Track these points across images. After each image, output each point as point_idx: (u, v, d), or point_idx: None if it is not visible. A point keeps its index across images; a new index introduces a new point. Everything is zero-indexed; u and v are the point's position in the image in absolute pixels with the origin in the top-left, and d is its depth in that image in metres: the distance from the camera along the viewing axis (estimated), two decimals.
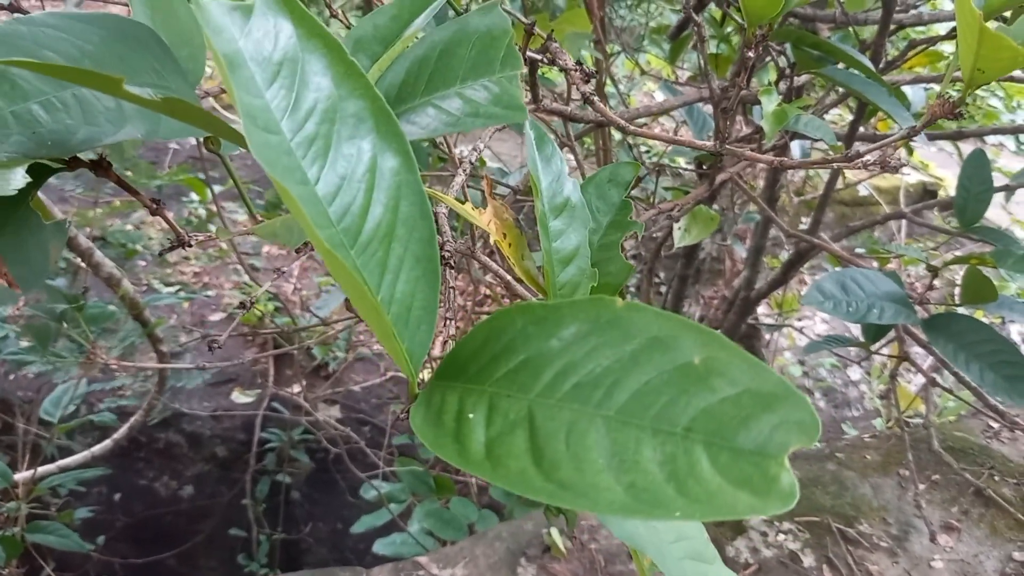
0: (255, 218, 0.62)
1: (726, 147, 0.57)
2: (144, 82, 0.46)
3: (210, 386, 2.72)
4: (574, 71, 0.59)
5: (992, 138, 4.50)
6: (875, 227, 3.03)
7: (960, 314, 1.07)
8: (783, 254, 2.73)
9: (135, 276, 2.91)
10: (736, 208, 2.25)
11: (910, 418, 2.42)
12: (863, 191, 3.43)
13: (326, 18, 0.86)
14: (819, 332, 3.25)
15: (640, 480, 0.27)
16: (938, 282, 1.17)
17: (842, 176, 2.31)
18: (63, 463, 1.90)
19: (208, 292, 2.96)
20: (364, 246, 0.34)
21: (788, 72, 1.01)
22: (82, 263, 1.72)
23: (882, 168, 0.46)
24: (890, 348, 1.57)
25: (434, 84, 0.45)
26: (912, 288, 1.28)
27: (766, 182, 1.90)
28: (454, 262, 0.58)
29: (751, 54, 0.51)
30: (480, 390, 0.33)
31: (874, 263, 1.50)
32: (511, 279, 0.66)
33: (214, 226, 2.72)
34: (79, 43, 0.44)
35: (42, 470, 1.82)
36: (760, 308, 3.04)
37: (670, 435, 0.28)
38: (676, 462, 0.28)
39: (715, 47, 1.74)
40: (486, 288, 2.31)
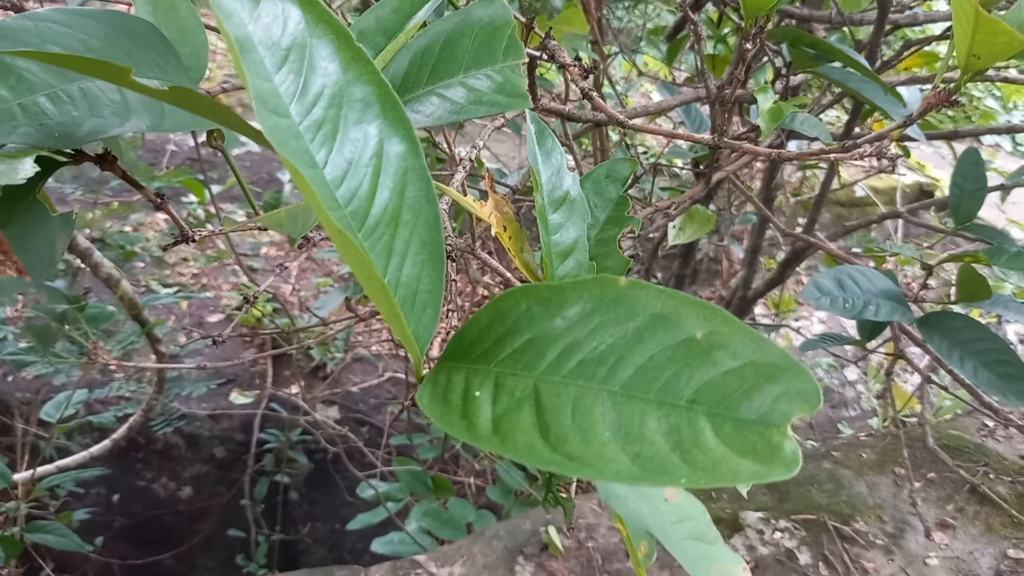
0: (257, 213, 0.63)
1: (723, 140, 0.58)
2: (149, 77, 0.46)
3: (209, 387, 2.72)
4: (572, 67, 0.60)
5: (989, 139, 4.52)
6: (871, 227, 3.05)
7: (955, 312, 1.07)
8: (780, 255, 2.74)
9: (133, 278, 2.91)
10: (733, 209, 2.27)
11: (906, 417, 2.42)
12: (859, 192, 3.45)
13: None
14: (816, 332, 3.25)
15: (645, 450, 0.28)
16: (934, 283, 1.18)
17: (838, 176, 2.32)
18: (62, 463, 1.90)
19: (207, 293, 2.96)
20: (371, 230, 0.35)
21: (784, 71, 1.02)
22: (81, 264, 1.73)
23: (877, 159, 0.47)
24: (886, 347, 1.58)
25: (438, 74, 0.46)
26: (908, 288, 1.29)
27: (763, 182, 1.91)
28: (454, 256, 0.59)
29: (749, 46, 0.52)
30: (486, 370, 0.34)
31: (870, 263, 1.51)
32: (510, 276, 0.66)
33: (212, 226, 2.72)
34: (84, 38, 0.45)
35: (41, 470, 1.82)
36: (757, 309, 3.06)
37: (674, 407, 0.29)
38: (680, 432, 0.28)
39: (712, 48, 1.75)
40: (484, 289, 2.32)
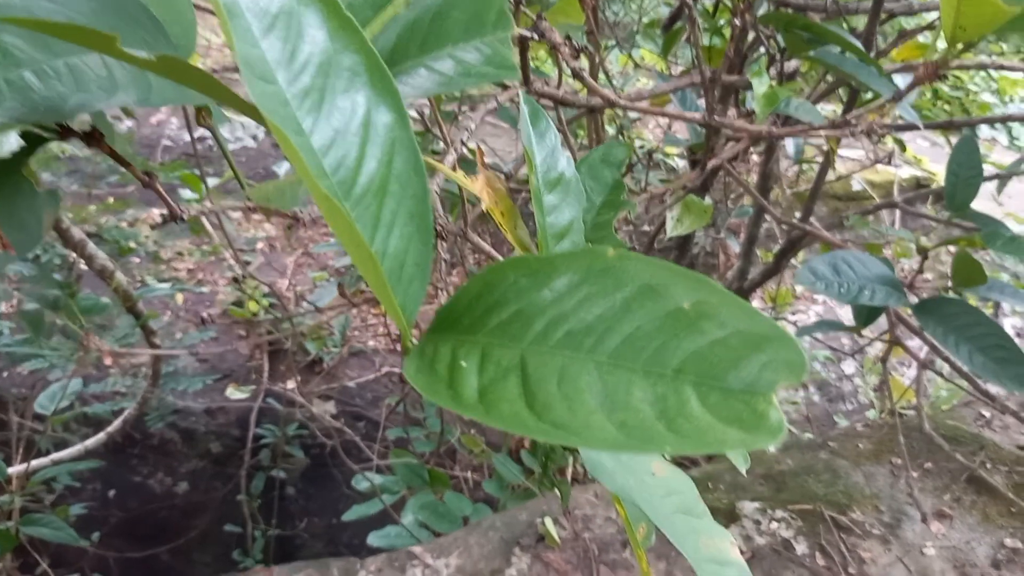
0: (249, 203, 0.63)
1: (714, 119, 0.58)
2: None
3: (205, 383, 2.72)
4: (563, 46, 0.60)
5: (985, 133, 4.52)
6: (868, 217, 3.04)
7: (950, 298, 1.07)
8: (776, 247, 2.74)
9: (128, 273, 2.90)
10: (729, 202, 2.26)
11: (904, 409, 2.43)
12: (856, 186, 3.44)
13: None
14: None
15: (631, 419, 0.28)
16: (931, 275, 1.18)
17: (833, 168, 2.32)
18: (56, 456, 1.90)
19: (202, 288, 2.95)
20: (358, 200, 0.35)
21: (778, 57, 1.02)
22: (75, 255, 1.72)
23: (868, 135, 0.47)
24: (883, 338, 1.57)
25: (427, 46, 0.45)
26: (904, 278, 1.29)
27: (759, 174, 1.91)
28: (444, 236, 0.59)
29: (738, 21, 0.52)
30: (473, 340, 0.34)
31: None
32: (501, 259, 0.66)
33: (208, 223, 2.72)
34: (70, 14, 0.45)
35: (35, 463, 1.82)
36: (754, 303, 3.05)
37: (661, 377, 0.29)
38: (667, 401, 0.28)
39: (707, 40, 1.75)
40: None
